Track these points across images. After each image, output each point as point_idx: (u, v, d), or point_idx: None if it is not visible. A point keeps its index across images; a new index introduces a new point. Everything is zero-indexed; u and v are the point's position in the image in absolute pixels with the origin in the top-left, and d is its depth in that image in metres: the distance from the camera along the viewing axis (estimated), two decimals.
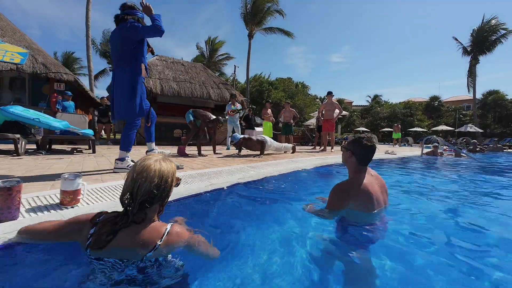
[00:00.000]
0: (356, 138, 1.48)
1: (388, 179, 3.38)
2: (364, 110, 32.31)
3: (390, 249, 1.17)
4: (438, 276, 0.98)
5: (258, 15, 17.58)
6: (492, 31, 20.28)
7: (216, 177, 2.34)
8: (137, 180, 0.81)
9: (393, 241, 1.27)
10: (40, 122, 4.08)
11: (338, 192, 1.42)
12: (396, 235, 1.33)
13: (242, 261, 1.03)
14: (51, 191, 1.49)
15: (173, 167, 0.90)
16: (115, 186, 1.73)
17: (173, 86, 8.83)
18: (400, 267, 1.03)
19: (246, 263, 1.02)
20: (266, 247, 1.17)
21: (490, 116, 25.35)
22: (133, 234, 0.78)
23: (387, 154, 6.67)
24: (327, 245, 1.25)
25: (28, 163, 2.93)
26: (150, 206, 0.82)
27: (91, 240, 0.77)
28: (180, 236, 0.83)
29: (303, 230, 1.37)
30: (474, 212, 1.87)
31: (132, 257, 0.77)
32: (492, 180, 3.49)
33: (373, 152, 1.46)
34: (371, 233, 1.31)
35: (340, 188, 1.43)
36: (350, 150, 1.47)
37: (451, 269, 1.03)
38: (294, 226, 1.42)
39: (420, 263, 1.07)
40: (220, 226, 1.43)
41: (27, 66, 6.74)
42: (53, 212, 1.19)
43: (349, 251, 1.15)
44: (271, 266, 1.01)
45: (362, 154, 1.44)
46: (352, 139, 1.51)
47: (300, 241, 1.23)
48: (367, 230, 1.33)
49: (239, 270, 0.97)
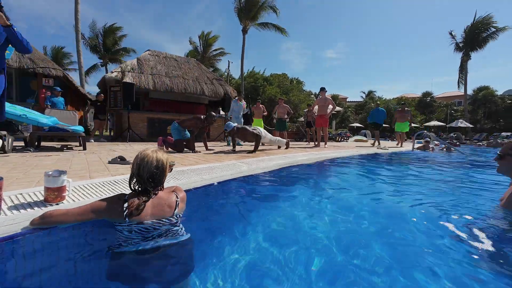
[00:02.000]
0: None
1: (390, 173, 3.44)
2: (358, 106, 32.56)
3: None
4: None
5: (253, 9, 17.37)
6: (484, 28, 20.58)
7: (208, 173, 2.34)
8: (141, 164, 1.06)
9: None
10: (28, 119, 3.98)
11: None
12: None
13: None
14: (36, 188, 1.46)
15: (166, 155, 1.14)
16: (103, 183, 1.71)
17: (165, 81, 8.71)
18: None
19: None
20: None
21: (480, 112, 25.88)
22: (159, 201, 1.06)
23: (379, 149, 6.76)
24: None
25: (14, 160, 2.86)
26: (153, 182, 1.07)
27: (128, 212, 0.98)
28: (181, 189, 1.21)
29: (296, 221, 1.39)
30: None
31: (167, 215, 1.05)
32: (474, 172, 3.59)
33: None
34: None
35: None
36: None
37: None
38: (289, 217, 1.44)
39: None
40: (207, 220, 1.44)
41: (13, 61, 6.54)
42: (37, 210, 1.17)
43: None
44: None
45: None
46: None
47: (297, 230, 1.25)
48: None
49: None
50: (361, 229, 1.45)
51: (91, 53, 22.68)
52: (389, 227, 1.49)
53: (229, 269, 1.00)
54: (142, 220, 1.00)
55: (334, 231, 1.40)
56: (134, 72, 8.34)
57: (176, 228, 1.08)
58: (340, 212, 1.71)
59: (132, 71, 8.31)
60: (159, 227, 1.02)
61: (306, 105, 11.24)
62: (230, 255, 1.12)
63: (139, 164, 1.07)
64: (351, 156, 5.11)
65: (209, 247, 1.21)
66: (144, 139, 8.10)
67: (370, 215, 1.67)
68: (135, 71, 8.39)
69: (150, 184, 1.07)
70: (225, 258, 1.09)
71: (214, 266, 1.03)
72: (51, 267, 1.00)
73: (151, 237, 1.01)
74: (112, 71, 8.19)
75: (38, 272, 0.97)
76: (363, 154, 5.59)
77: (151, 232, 1.01)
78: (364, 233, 1.39)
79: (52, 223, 1.04)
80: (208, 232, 1.39)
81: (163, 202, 1.07)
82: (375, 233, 1.39)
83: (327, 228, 1.43)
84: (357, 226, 1.49)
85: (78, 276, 0.99)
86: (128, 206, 1.00)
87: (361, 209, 1.79)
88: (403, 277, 0.96)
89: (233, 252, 1.15)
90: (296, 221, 1.54)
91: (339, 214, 1.67)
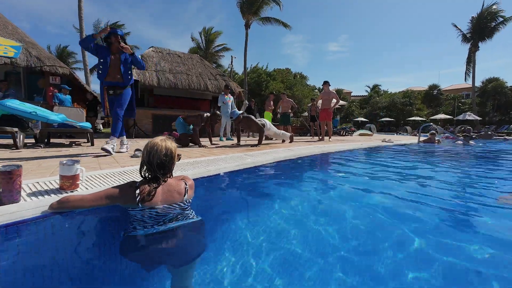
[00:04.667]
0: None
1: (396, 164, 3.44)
2: (363, 100, 32.18)
3: None
4: None
5: (255, 4, 17.19)
6: (492, 18, 19.98)
7: (213, 164, 2.39)
8: (151, 152, 1.11)
9: None
10: (37, 116, 4.08)
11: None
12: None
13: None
14: (50, 178, 1.53)
15: (174, 144, 1.20)
16: (113, 173, 1.78)
17: (169, 78, 8.76)
18: None
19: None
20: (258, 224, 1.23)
21: (489, 104, 25.29)
22: (168, 187, 1.12)
23: (384, 142, 6.73)
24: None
25: (27, 155, 2.97)
26: (164, 169, 1.12)
27: (140, 198, 1.04)
28: (189, 178, 1.25)
29: (301, 211, 1.43)
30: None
31: (177, 201, 1.11)
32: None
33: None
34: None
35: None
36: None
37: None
38: (293, 207, 1.48)
39: None
40: (215, 206, 1.49)
41: (21, 60, 6.67)
42: (54, 196, 1.24)
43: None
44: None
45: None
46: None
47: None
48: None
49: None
50: (367, 212, 1.48)
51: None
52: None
53: (240, 248, 1.06)
54: (154, 205, 1.06)
55: (332, 215, 1.44)
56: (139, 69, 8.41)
57: (187, 212, 1.13)
58: (340, 197, 1.74)
59: (136, 68, 8.39)
60: (170, 211, 1.08)
61: (310, 99, 11.17)
62: (238, 237, 1.17)
63: (149, 152, 1.12)
64: (356, 149, 5.11)
65: (218, 230, 1.26)
66: (149, 135, 8.21)
67: (373, 207, 1.70)
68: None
69: (160, 172, 1.12)
70: (234, 240, 1.15)
71: (225, 247, 1.08)
72: (69, 247, 1.07)
73: (163, 221, 1.06)
74: None
75: (57, 251, 1.04)
76: (367, 147, 5.57)
77: (163, 217, 1.06)
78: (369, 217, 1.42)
79: (69, 208, 1.10)
80: (217, 218, 1.44)
81: (173, 188, 1.13)
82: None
83: (329, 217, 1.47)
84: (361, 209, 1.52)
85: (94, 256, 1.06)
86: (140, 192, 1.05)
87: (364, 196, 1.82)
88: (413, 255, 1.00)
89: (241, 234, 1.20)
90: (299, 206, 1.58)
91: (339, 199, 1.71)
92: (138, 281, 0.91)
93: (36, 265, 0.93)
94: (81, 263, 1.01)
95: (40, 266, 0.93)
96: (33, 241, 1.03)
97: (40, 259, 0.98)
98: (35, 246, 1.02)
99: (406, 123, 24.90)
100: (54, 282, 0.87)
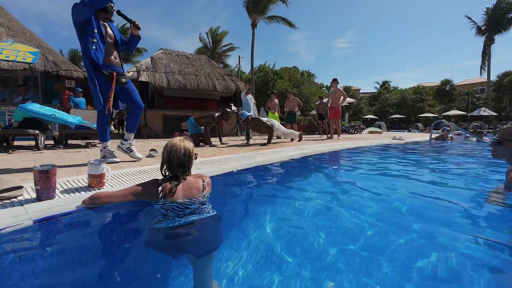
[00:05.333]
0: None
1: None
2: (372, 97, 31.64)
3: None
4: None
5: (261, 3, 17.19)
6: (508, 8, 19.19)
7: (226, 163, 2.46)
8: (171, 152, 1.20)
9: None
10: (56, 118, 4.29)
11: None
12: None
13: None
14: (78, 177, 1.65)
15: (192, 144, 1.28)
16: (133, 172, 1.88)
17: (179, 79, 8.92)
18: None
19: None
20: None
21: (506, 99, 24.36)
22: (188, 184, 1.21)
23: (394, 139, 6.64)
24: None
25: (50, 156, 3.14)
26: (183, 168, 1.21)
27: (162, 194, 1.13)
28: (206, 176, 1.33)
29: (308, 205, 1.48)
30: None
31: (196, 196, 1.20)
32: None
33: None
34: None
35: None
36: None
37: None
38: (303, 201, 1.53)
39: None
40: (229, 202, 1.56)
41: (39, 65, 6.97)
42: (83, 193, 1.34)
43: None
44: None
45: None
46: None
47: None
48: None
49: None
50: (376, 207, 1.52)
51: None
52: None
53: (253, 240, 1.12)
54: (175, 200, 1.14)
55: (343, 209, 1.48)
56: (149, 71, 8.62)
57: (205, 206, 1.21)
58: (346, 191, 1.78)
59: (146, 70, 8.60)
60: (190, 206, 1.16)
61: (318, 97, 11.10)
62: (253, 230, 1.24)
63: (169, 152, 1.20)
64: (366, 147, 5.08)
65: (233, 224, 1.33)
66: (160, 135, 8.41)
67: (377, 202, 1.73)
68: (150, 70, 8.67)
69: (180, 170, 1.21)
70: (248, 234, 1.21)
71: (240, 239, 1.15)
72: (100, 237, 1.17)
73: (183, 215, 1.14)
74: (128, 71, 8.51)
75: (91, 240, 1.14)
76: (378, 145, 5.53)
77: (183, 210, 1.14)
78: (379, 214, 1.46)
79: (100, 203, 1.20)
80: (232, 212, 1.51)
81: (192, 185, 1.21)
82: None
83: (340, 211, 1.51)
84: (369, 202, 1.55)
85: (121, 245, 1.16)
86: (162, 189, 1.14)
87: (374, 191, 1.84)
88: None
89: (256, 227, 1.26)
90: (309, 202, 1.63)
91: (347, 193, 1.75)
92: (163, 271, 0.99)
93: (75, 250, 1.06)
94: (112, 250, 1.12)
95: (79, 251, 1.05)
96: (68, 232, 1.13)
97: (77, 246, 1.09)
98: (71, 236, 1.12)
99: (417, 120, 24.31)
100: (95, 264, 1.00)
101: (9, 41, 7.18)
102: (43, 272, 0.87)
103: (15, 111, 4.18)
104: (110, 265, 1.00)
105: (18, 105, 4.14)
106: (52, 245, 1.06)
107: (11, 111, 6.62)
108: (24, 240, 1.00)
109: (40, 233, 1.06)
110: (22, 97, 6.72)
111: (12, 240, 0.98)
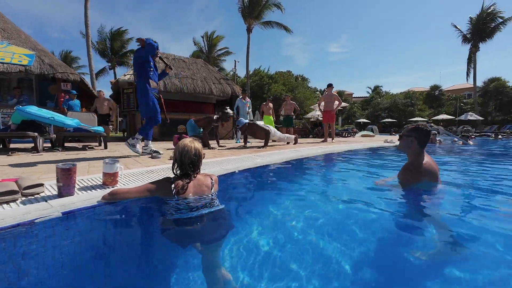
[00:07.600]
0: (416, 126, 1.73)
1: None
2: (364, 102, 32.35)
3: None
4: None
5: (256, 9, 17.49)
6: (491, 19, 20.14)
7: (228, 164, 2.58)
8: (182, 152, 1.31)
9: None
10: (55, 121, 4.31)
11: (414, 170, 1.67)
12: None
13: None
14: (90, 176, 1.73)
15: (200, 145, 1.40)
16: (141, 172, 1.97)
17: (175, 82, 9.00)
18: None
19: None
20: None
21: (491, 104, 25.33)
22: (198, 182, 1.31)
23: (386, 142, 6.89)
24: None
25: (50, 158, 3.17)
26: (194, 167, 1.33)
27: (175, 191, 1.23)
28: (214, 175, 1.43)
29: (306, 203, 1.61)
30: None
31: (206, 193, 1.30)
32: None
33: (429, 136, 1.71)
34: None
35: (413, 167, 1.68)
36: (412, 136, 1.70)
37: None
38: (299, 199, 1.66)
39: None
40: (234, 199, 1.68)
41: (35, 68, 6.93)
42: (99, 190, 1.43)
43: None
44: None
45: (423, 138, 1.67)
46: (412, 127, 1.75)
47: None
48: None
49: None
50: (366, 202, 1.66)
51: (100, 57, 23.30)
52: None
53: (256, 233, 1.24)
54: (187, 196, 1.25)
55: (335, 203, 1.62)
56: None
57: (214, 200, 1.33)
58: (343, 191, 1.92)
59: None
60: (201, 202, 1.27)
61: (317, 101, 11.35)
62: (257, 224, 1.36)
63: (181, 152, 1.31)
64: (360, 149, 5.28)
65: (238, 218, 1.45)
66: (156, 138, 8.43)
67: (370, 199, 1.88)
68: None
69: (191, 169, 1.32)
70: (253, 227, 1.33)
71: (244, 231, 1.27)
72: (119, 227, 1.28)
73: (196, 208, 1.25)
74: (125, 74, 8.54)
75: (114, 228, 1.28)
76: (371, 147, 5.74)
77: (195, 205, 1.25)
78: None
79: (118, 199, 1.30)
80: (237, 208, 1.63)
81: (202, 183, 1.32)
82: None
83: (333, 206, 1.65)
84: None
85: (138, 234, 1.30)
86: (174, 186, 1.25)
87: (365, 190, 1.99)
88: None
89: (261, 221, 1.38)
90: (306, 198, 1.77)
91: (341, 191, 1.89)
92: (176, 257, 1.10)
93: (101, 235, 1.22)
94: (130, 240, 1.27)
95: (100, 240, 1.20)
96: (90, 224, 1.23)
97: (99, 236, 1.22)
98: (96, 225, 1.25)
99: (409, 124, 24.98)
100: (116, 251, 1.16)
101: (4, 43, 7.13)
102: (80, 252, 1.06)
103: (13, 113, 4.19)
104: (133, 249, 1.15)
105: (16, 107, 4.15)
106: (82, 233, 1.21)
107: (5, 114, 6.56)
108: (60, 227, 1.15)
109: (71, 223, 1.19)
110: (17, 99, 6.67)
111: (47, 227, 1.10)
